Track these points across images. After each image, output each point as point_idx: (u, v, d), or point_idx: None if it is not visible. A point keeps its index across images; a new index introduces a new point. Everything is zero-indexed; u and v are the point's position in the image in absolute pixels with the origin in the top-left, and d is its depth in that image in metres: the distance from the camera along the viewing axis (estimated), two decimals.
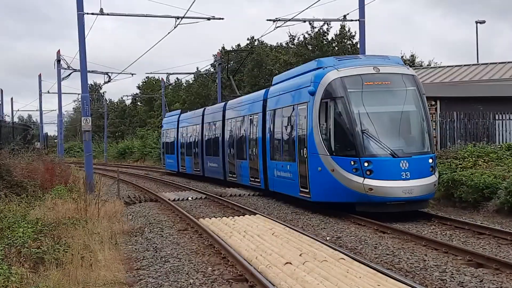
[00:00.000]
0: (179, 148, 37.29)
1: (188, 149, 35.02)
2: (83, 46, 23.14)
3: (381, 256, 11.29)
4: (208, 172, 31.03)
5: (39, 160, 23.69)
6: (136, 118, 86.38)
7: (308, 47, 46.79)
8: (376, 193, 15.14)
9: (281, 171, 19.80)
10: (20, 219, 12.61)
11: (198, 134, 32.57)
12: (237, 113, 25.83)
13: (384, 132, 15.81)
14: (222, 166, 27.98)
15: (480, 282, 9.16)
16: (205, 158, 31.35)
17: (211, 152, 30.15)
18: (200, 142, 32.07)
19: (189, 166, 34.85)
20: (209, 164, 30.56)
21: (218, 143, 28.53)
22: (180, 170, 37.66)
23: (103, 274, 9.37)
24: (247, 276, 9.69)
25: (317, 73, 17.01)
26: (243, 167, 24.80)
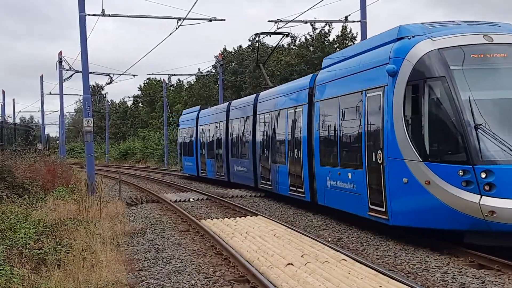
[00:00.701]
0: (199, 149, 33.02)
1: (209, 150, 30.96)
2: (84, 47, 23.17)
3: (383, 257, 11.28)
4: (235, 177, 26.85)
5: (41, 161, 23.71)
6: (137, 119, 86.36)
7: (310, 48, 46.72)
8: (500, 218, 10.54)
9: (339, 181, 15.14)
10: (21, 220, 12.62)
11: (221, 132, 28.44)
12: (272, 106, 21.44)
13: (509, 128, 11.30)
14: (253, 170, 23.89)
15: (482, 283, 9.14)
16: (230, 161, 27.25)
17: (238, 153, 26.25)
18: (224, 142, 28.01)
19: (211, 170, 30.71)
20: (236, 168, 26.41)
21: (248, 143, 24.49)
22: (200, 174, 33.14)
23: (104, 275, 9.37)
24: (248, 277, 9.68)
25: (400, 45, 12.36)
26: (280, 172, 20.30)
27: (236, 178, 26.75)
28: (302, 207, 18.84)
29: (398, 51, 12.23)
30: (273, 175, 21.13)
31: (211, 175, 30.71)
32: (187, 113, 38.31)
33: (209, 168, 31.04)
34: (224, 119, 28.15)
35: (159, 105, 71.69)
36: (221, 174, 28.78)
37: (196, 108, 36.07)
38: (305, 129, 17.77)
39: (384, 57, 12.65)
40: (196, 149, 33.59)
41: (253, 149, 23.77)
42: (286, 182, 19.53)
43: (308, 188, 17.63)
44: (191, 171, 35.34)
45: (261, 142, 22.57)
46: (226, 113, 27.96)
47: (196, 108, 36.10)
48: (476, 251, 10.68)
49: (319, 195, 16.85)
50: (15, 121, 64.20)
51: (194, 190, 25.86)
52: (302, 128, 18.01)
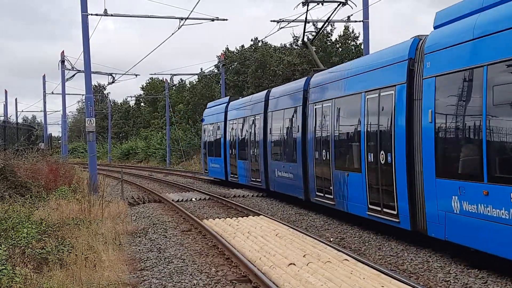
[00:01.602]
0: (228, 148, 27.97)
1: (241, 150, 25.89)
2: (87, 47, 23.17)
3: (385, 257, 11.27)
4: (276, 185, 21.49)
5: (43, 161, 23.72)
6: (140, 119, 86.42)
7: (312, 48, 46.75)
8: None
9: (484, 204, 9.42)
10: (24, 220, 12.62)
11: (258, 128, 23.26)
12: (334, 92, 15.94)
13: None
14: (303, 178, 18.39)
15: (484, 284, 9.13)
16: (271, 165, 21.90)
17: (281, 155, 20.98)
18: (261, 140, 22.86)
19: (244, 174, 25.47)
20: (278, 174, 21.04)
21: (296, 141, 19.07)
22: (229, 178, 27.92)
23: (106, 275, 9.38)
24: (250, 277, 9.68)
25: None
26: (352, 183, 14.54)
27: (277, 186, 21.36)
28: (304, 207, 18.81)
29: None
30: (337, 186, 15.33)
31: (244, 181, 25.67)
32: (213, 105, 32.85)
33: (241, 172, 25.86)
34: (261, 111, 23.08)
35: (161, 105, 71.74)
36: (256, 180, 23.72)
37: (224, 100, 30.90)
38: (400, 122, 12.06)
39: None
40: (224, 148, 28.68)
41: (302, 149, 18.32)
42: (362, 198, 13.77)
43: (408, 210, 11.87)
44: (217, 174, 30.30)
45: (317, 140, 16.99)
46: (264, 103, 22.88)
47: (225, 99, 30.91)
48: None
49: (433, 224, 10.93)
50: (17, 121, 64.29)
51: (196, 190, 25.86)
52: (395, 121, 12.29)
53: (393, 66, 12.47)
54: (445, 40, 10.65)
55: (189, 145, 53.96)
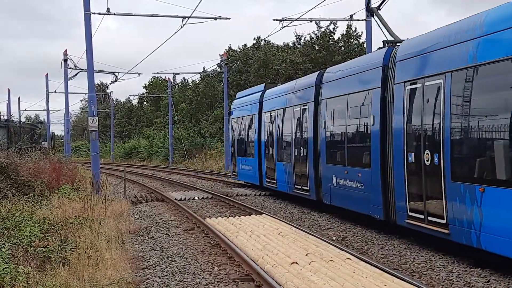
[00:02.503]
0: (264, 147, 23.33)
1: (282, 149, 21.06)
2: (90, 46, 23.19)
3: (388, 256, 11.27)
4: (336, 197, 16.04)
5: (46, 160, 23.75)
6: (142, 118, 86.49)
7: (315, 47, 46.70)
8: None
9: None
10: (27, 219, 12.65)
11: (306, 122, 18.26)
12: (439, 65, 11.04)
13: None
14: (382, 189, 13.23)
15: (487, 283, 9.12)
16: (325, 169, 16.68)
17: (344, 157, 15.48)
18: (311, 138, 17.77)
19: (285, 180, 20.41)
20: (338, 182, 15.73)
21: (368, 139, 13.97)
22: (265, 184, 23.20)
23: (109, 274, 9.39)
24: (253, 275, 9.69)
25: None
26: (495, 203, 9.43)
27: (336, 198, 16.09)
28: (306, 205, 18.81)
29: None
30: (457, 206, 10.29)
31: (284, 188, 20.59)
32: (244, 95, 28.00)
33: (281, 177, 20.90)
34: (310, 98, 18.03)
35: (164, 104, 71.75)
36: (303, 188, 18.59)
37: (258, 88, 26.11)
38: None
39: None
40: (258, 147, 24.03)
41: (381, 150, 13.21)
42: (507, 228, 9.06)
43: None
44: (249, 178, 25.74)
45: (417, 136, 11.78)
46: (314, 89, 17.82)
47: (259, 87, 26.04)
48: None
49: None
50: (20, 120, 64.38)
51: (199, 189, 25.87)
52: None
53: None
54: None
55: (192, 144, 53.98)
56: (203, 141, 54.17)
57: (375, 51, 15.88)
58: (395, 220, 12.61)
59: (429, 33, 12.11)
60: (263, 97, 23.97)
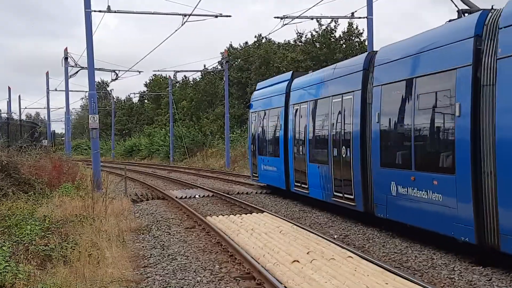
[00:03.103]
0: (292, 145, 19.97)
1: (316, 147, 17.79)
2: (90, 43, 23.15)
3: (389, 255, 11.25)
4: (396, 209, 12.63)
5: (47, 158, 23.75)
6: (143, 116, 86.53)
7: (316, 44, 46.66)
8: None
9: None
10: (27, 217, 12.65)
11: (350, 116, 14.91)
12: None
13: None
14: (473, 202, 10.02)
15: (488, 281, 9.10)
16: (378, 173, 13.40)
17: (407, 159, 12.11)
18: (357, 134, 14.47)
19: (320, 184, 17.09)
20: (400, 190, 12.33)
21: (449, 134, 10.91)
22: (293, 188, 19.86)
23: (110, 272, 9.38)
24: (254, 274, 9.67)
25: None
26: None
27: (398, 212, 12.52)
28: (308, 204, 18.80)
29: None
30: None
31: (319, 195, 17.25)
32: (267, 86, 24.29)
33: (315, 181, 17.56)
34: (356, 86, 14.70)
35: (164, 102, 71.77)
36: (346, 196, 15.29)
37: (283, 77, 22.54)
38: None
39: None
40: (285, 145, 20.74)
41: (472, 149, 10.08)
42: None
43: None
44: (273, 181, 22.42)
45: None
46: (362, 74, 14.46)
47: (285, 76, 22.53)
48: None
49: None
50: (21, 118, 64.38)
51: (200, 187, 25.84)
52: None
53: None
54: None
55: (193, 142, 53.98)
56: (204, 139, 54.17)
57: (463, 18, 11.68)
58: (498, 246, 9.38)
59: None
60: (290, 87, 20.54)
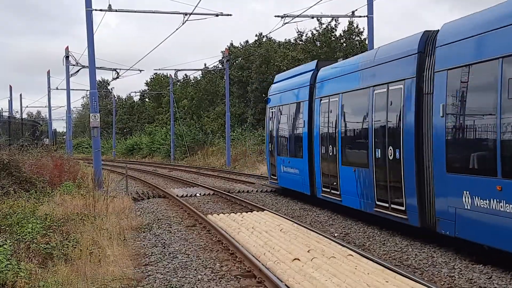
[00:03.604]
0: (318, 144, 17.33)
1: (351, 148, 15.44)
2: (91, 42, 23.17)
3: (390, 253, 11.27)
4: (473, 228, 10.02)
5: (48, 156, 23.77)
6: (144, 115, 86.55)
7: (316, 43, 46.65)
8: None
9: None
10: (29, 215, 12.67)
11: (400, 110, 12.39)
12: None
13: None
14: None
15: (489, 279, 9.12)
16: (444, 180, 10.79)
17: (492, 163, 9.35)
18: (410, 133, 12.02)
19: (358, 191, 14.49)
20: (478, 203, 9.72)
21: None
22: (320, 194, 17.27)
23: (111, 270, 9.40)
24: (255, 272, 9.69)
25: None
26: None
27: (476, 231, 10.02)
28: (308, 202, 18.82)
29: None
30: None
31: (357, 203, 14.55)
32: (286, 77, 21.79)
33: (351, 187, 14.90)
34: (408, 73, 12.23)
35: (165, 100, 71.81)
36: (394, 207, 12.72)
37: (307, 67, 19.84)
38: None
39: None
40: (309, 144, 18.13)
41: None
42: None
43: None
44: (295, 184, 19.79)
45: None
46: (417, 59, 11.98)
47: (308, 66, 19.88)
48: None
49: None
50: (22, 116, 64.42)
51: (201, 185, 25.86)
52: None
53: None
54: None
55: (193, 141, 54.00)
56: (204, 137, 54.20)
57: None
58: None
59: None
60: (315, 78, 17.98)
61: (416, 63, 11.92)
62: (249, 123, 50.81)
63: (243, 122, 52.57)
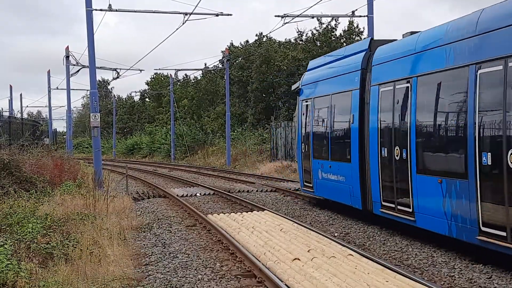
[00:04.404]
0: (376, 145, 13.55)
1: (433, 151, 11.57)
2: (91, 42, 23.17)
3: (390, 253, 11.27)
4: None
5: (48, 156, 23.77)
6: (144, 114, 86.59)
7: (316, 43, 46.67)
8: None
9: None
10: (29, 215, 12.66)
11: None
12: None
13: None
14: None
15: (489, 279, 9.12)
16: None
17: None
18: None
19: (442, 209, 10.76)
20: None
21: None
22: (378, 209, 13.46)
23: (111, 270, 9.40)
24: (255, 272, 9.69)
25: None
26: None
27: None
28: (308, 202, 18.83)
29: None
30: None
31: (442, 226, 10.93)
32: (325, 63, 18.05)
33: (430, 204, 11.29)
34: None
35: (166, 100, 71.83)
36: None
37: (357, 47, 16.05)
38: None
39: None
40: (361, 144, 14.51)
41: None
42: None
43: None
44: (338, 195, 16.01)
45: None
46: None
47: (358, 45, 16.18)
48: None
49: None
50: (22, 116, 64.43)
51: (201, 185, 25.87)
52: None
53: None
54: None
55: (194, 140, 54.01)
56: (204, 137, 54.22)
57: None
58: None
59: None
60: (369, 60, 14.35)
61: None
62: (249, 123, 50.83)
63: (243, 122, 52.58)
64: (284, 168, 32.72)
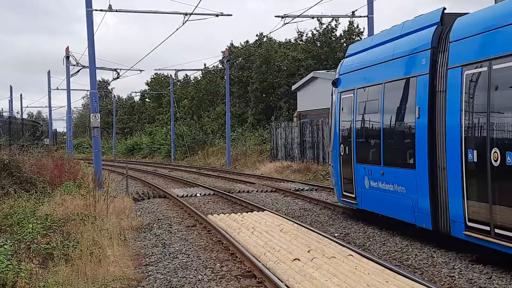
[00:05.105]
0: (461, 148, 9.99)
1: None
2: (92, 42, 23.16)
3: (390, 253, 11.27)
4: None
5: (48, 157, 23.76)
6: (144, 115, 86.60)
7: (317, 43, 46.70)
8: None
9: None
10: (29, 215, 12.66)
11: None
12: None
13: None
14: None
15: (489, 279, 9.12)
16: None
17: None
18: None
19: None
20: None
21: None
22: (461, 232, 10.06)
23: (112, 270, 9.40)
24: (255, 272, 9.70)
25: None
26: None
27: None
28: (308, 202, 18.83)
29: None
30: None
31: None
32: (375, 44, 14.58)
33: None
34: None
35: (166, 100, 71.84)
36: None
37: (423, 20, 12.39)
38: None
39: None
40: (430, 146, 11.24)
41: None
42: None
43: None
44: (392, 209, 13.04)
45: None
46: None
47: (425, 19, 12.37)
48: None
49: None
50: (22, 117, 64.46)
51: (201, 185, 25.86)
52: None
53: None
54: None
55: (194, 141, 54.02)
56: (205, 137, 54.22)
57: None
58: None
59: None
60: (443, 36, 11.21)
61: None
62: (249, 123, 50.83)
63: (243, 122, 52.58)
64: (284, 169, 32.72)
